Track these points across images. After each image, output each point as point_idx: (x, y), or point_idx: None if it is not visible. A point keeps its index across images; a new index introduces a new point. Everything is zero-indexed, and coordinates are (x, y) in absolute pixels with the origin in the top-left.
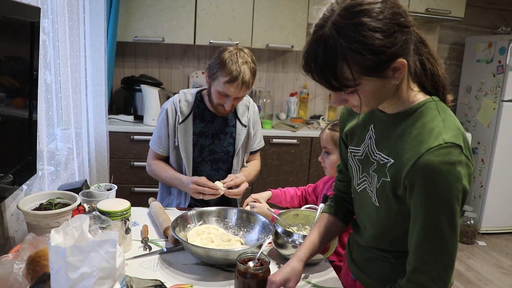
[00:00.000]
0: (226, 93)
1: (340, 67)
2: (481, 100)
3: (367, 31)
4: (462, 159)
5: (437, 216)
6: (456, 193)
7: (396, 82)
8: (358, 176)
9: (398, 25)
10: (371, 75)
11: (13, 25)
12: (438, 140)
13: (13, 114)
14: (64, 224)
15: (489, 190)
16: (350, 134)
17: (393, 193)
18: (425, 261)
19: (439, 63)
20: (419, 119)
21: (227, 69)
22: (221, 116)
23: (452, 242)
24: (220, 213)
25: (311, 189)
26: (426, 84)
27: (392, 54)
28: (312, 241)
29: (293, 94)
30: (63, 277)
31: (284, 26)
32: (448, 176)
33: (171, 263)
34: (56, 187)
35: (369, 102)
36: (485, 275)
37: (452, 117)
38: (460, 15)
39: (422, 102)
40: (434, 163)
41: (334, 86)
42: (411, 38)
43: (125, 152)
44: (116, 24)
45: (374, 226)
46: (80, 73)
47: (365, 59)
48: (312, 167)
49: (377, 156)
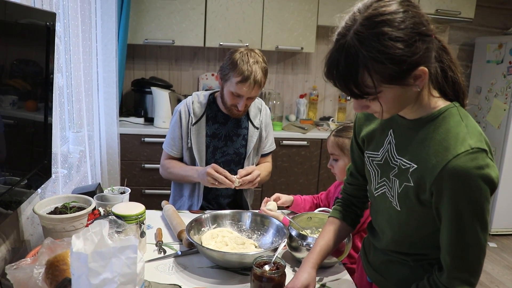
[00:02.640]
0: (238, 93)
1: (361, 75)
2: (491, 101)
3: (388, 40)
4: (488, 162)
5: (468, 218)
6: (485, 194)
7: (418, 89)
8: (377, 181)
9: (420, 34)
10: (392, 83)
11: (29, 30)
12: (464, 145)
13: (29, 118)
14: (84, 229)
15: (500, 191)
16: (368, 139)
17: (417, 197)
18: (461, 258)
19: (459, 70)
20: (442, 124)
21: (239, 69)
22: (235, 117)
23: (484, 237)
24: (234, 216)
25: (324, 196)
26: (447, 91)
27: (413, 63)
28: (322, 247)
29: (303, 95)
30: (85, 283)
31: (293, 28)
32: (477, 180)
33: (186, 267)
34: (69, 190)
35: (390, 109)
36: (496, 277)
37: (474, 123)
38: (470, 15)
39: (444, 108)
40: (464, 169)
41: (355, 93)
42: (433, 46)
43: (136, 155)
44: (126, 27)
45: (394, 230)
46: (92, 76)
47: (386, 68)
48: (322, 169)
49: (397, 161)
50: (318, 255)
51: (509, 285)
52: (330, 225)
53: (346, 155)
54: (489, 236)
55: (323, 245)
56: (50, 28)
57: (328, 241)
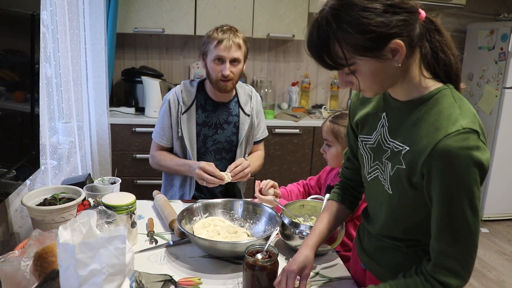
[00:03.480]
0: (219, 55)
1: (333, 46)
2: (483, 88)
3: (357, 11)
4: (479, 145)
5: (458, 201)
6: (474, 177)
7: (397, 64)
8: (370, 165)
9: (393, 6)
10: (365, 55)
11: (13, 18)
12: (455, 126)
13: (15, 109)
14: (71, 220)
15: (492, 177)
16: (361, 123)
17: (408, 180)
18: (449, 245)
19: (453, 53)
20: (435, 105)
21: (214, 36)
22: (224, 92)
23: (475, 224)
24: (226, 205)
25: (313, 182)
26: (439, 72)
27: (384, 34)
28: (321, 229)
29: (295, 83)
30: (73, 274)
31: (285, 16)
32: (467, 161)
33: (178, 256)
34: (59, 182)
35: (369, 84)
36: (488, 262)
37: (468, 104)
38: (461, 2)
39: (437, 89)
40: (453, 148)
41: (329, 64)
42: (413, 21)
43: (127, 145)
44: (115, 15)
45: (386, 214)
46: (81, 65)
47: (356, 39)
48: (315, 157)
49: (390, 144)
50: (316, 237)
51: (500, 269)
52: (329, 207)
53: (340, 143)
54: (481, 222)
55: (322, 227)
56: (35, 17)
57: (326, 223)
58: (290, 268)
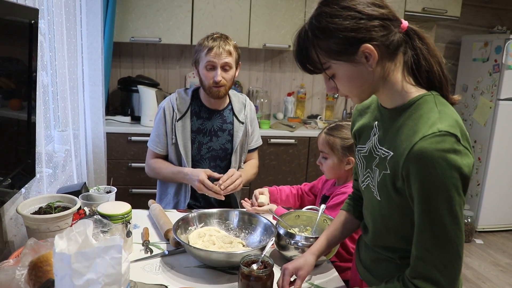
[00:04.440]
0: (210, 61)
1: (310, 52)
2: (477, 99)
3: (327, 18)
4: (457, 148)
5: (435, 204)
6: (452, 181)
7: (370, 69)
8: (363, 173)
9: (363, 13)
10: (339, 59)
11: (11, 27)
12: (432, 129)
13: (12, 117)
14: (67, 229)
15: (486, 189)
16: (358, 134)
17: (393, 185)
18: (427, 250)
19: (437, 60)
20: (416, 111)
21: (205, 43)
22: (217, 98)
23: (455, 231)
24: (221, 215)
25: (308, 188)
26: (420, 79)
27: (352, 38)
28: (326, 236)
29: (290, 93)
30: (68, 284)
31: (281, 26)
32: (442, 163)
33: (173, 266)
34: (54, 190)
35: (348, 88)
36: (483, 273)
37: (450, 110)
38: (456, 14)
39: (420, 95)
40: (428, 150)
41: (309, 69)
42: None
43: (123, 153)
44: (112, 25)
45: (377, 221)
46: (77, 74)
47: (327, 43)
48: (310, 167)
49: (379, 151)
50: (319, 244)
51: (495, 281)
52: (338, 217)
53: (336, 154)
54: (476, 233)
55: (328, 234)
56: (33, 25)
57: (333, 231)
58: (286, 266)
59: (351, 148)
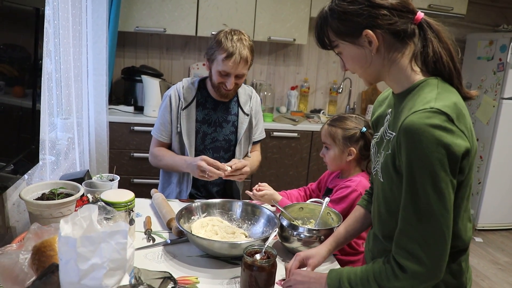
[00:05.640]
0: (225, 70)
1: (324, 29)
2: (481, 97)
3: (338, 2)
4: (448, 126)
5: (419, 179)
6: (438, 156)
7: (371, 53)
8: (374, 159)
9: (368, 1)
10: (345, 40)
11: (18, 14)
12: (425, 106)
13: (16, 104)
14: (72, 214)
15: (487, 187)
16: (376, 123)
17: (393, 165)
18: (410, 224)
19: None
20: (418, 93)
21: (224, 46)
22: (224, 98)
23: (439, 209)
24: (224, 205)
25: (314, 186)
26: (427, 67)
27: (355, 22)
28: (339, 231)
29: (294, 87)
30: (73, 268)
31: (286, 19)
32: (427, 137)
33: (175, 255)
34: (56, 177)
35: (352, 67)
36: (482, 271)
37: (451, 94)
38: (462, 12)
39: (424, 79)
40: (415, 123)
41: (321, 43)
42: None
43: (125, 143)
44: (117, 14)
45: (381, 206)
46: (82, 62)
47: (335, 23)
48: (312, 161)
49: (387, 135)
50: (333, 237)
51: (493, 279)
52: (354, 212)
53: (337, 145)
54: (475, 231)
55: (342, 229)
56: (39, 12)
57: (347, 226)
58: (299, 253)
59: (352, 138)
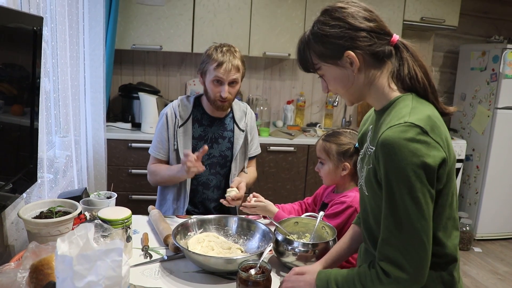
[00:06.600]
0: (218, 77)
1: (305, 52)
2: (475, 108)
3: (319, 25)
4: (422, 138)
5: (397, 190)
6: (413, 168)
7: (353, 73)
8: (360, 174)
9: (348, 24)
10: (327, 62)
11: (16, 34)
12: (399, 120)
13: (15, 122)
14: (69, 232)
15: (484, 197)
16: (361, 140)
17: (375, 177)
18: (391, 233)
19: (424, 70)
20: (394, 108)
21: (214, 57)
22: (221, 111)
23: (418, 219)
24: (220, 221)
25: (310, 200)
26: (404, 84)
27: (336, 45)
28: (335, 249)
29: (290, 101)
30: (70, 286)
31: (281, 34)
32: (402, 151)
33: (172, 271)
34: (55, 195)
35: (335, 88)
36: (481, 281)
37: (425, 108)
38: (454, 23)
39: (400, 95)
40: (390, 137)
41: (304, 67)
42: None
43: (123, 160)
44: (114, 32)
45: (370, 218)
46: (79, 81)
47: (317, 47)
48: (309, 175)
49: (369, 150)
50: (330, 255)
51: None
52: (349, 230)
53: (331, 160)
54: (474, 241)
55: (337, 247)
56: (37, 33)
57: (342, 244)
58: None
59: (346, 153)
